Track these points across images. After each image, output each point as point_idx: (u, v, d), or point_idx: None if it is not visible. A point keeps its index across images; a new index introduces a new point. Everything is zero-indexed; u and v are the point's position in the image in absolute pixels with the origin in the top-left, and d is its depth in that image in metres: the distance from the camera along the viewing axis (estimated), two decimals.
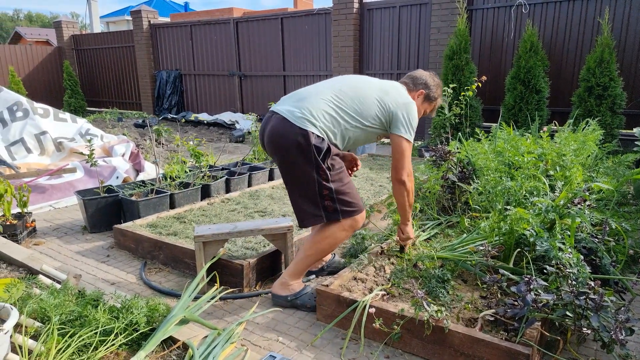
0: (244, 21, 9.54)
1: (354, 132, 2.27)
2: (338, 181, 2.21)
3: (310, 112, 2.16)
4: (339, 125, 2.22)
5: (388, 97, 2.29)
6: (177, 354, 1.84)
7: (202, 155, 4.44)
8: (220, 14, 14.80)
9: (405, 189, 2.36)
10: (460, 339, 1.81)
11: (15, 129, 5.01)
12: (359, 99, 2.25)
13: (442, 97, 2.56)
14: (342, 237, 2.29)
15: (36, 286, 2.29)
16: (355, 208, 2.25)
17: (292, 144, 2.13)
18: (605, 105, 5.32)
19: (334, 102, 2.22)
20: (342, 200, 2.20)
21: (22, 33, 26.50)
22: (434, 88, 2.50)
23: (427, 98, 2.50)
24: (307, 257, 2.32)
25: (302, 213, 2.26)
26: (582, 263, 1.96)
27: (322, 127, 2.17)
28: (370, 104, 2.25)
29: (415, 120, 2.33)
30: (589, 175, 3.36)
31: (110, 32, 12.75)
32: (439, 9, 6.80)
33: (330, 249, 2.33)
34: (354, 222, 2.26)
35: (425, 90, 2.48)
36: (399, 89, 2.37)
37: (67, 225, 3.73)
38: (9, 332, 1.62)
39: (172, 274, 2.81)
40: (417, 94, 2.46)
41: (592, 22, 5.96)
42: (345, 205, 2.21)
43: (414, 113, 2.32)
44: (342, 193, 2.20)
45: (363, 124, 2.26)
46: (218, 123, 9.35)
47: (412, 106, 2.32)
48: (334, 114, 2.20)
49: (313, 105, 2.18)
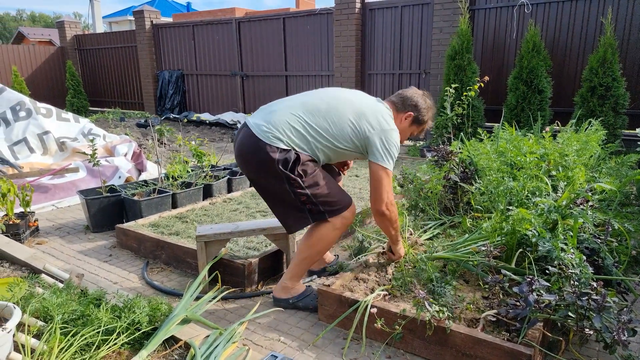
0: (246, 21, 9.54)
1: (326, 152, 2.17)
2: (313, 186, 2.12)
3: (276, 126, 2.09)
4: (308, 143, 2.13)
5: (363, 121, 2.15)
6: (179, 353, 1.85)
7: (204, 155, 4.45)
8: (222, 14, 14.82)
9: (387, 219, 2.23)
10: (462, 340, 1.81)
11: (18, 129, 5.02)
12: (332, 118, 2.13)
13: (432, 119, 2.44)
14: (335, 235, 2.25)
15: (39, 285, 2.30)
16: (339, 206, 2.20)
17: (258, 159, 2.10)
18: (608, 106, 5.30)
19: (304, 119, 2.12)
20: (323, 202, 2.16)
21: (25, 33, 26.58)
22: (424, 111, 2.34)
23: (416, 121, 2.36)
24: (303, 260, 2.30)
25: (287, 220, 2.24)
26: (584, 264, 1.95)
27: (288, 142, 2.09)
28: (344, 125, 2.13)
29: (395, 147, 2.19)
30: (592, 175, 3.34)
31: (113, 32, 12.77)
32: (441, 9, 6.79)
33: (325, 249, 2.30)
34: (343, 219, 2.21)
35: (414, 112, 2.33)
36: (380, 112, 2.21)
37: (70, 225, 3.74)
38: (11, 331, 1.63)
39: (174, 274, 2.81)
40: (405, 116, 2.33)
41: (595, 21, 5.94)
42: (328, 206, 2.17)
43: (393, 139, 2.17)
44: (321, 196, 2.14)
45: (335, 145, 2.15)
46: (220, 123, 9.36)
47: (391, 133, 2.17)
48: (302, 130, 2.11)
49: (281, 120, 2.11)
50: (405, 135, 2.39)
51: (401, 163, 5.42)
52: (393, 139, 2.18)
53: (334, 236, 2.25)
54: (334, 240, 2.28)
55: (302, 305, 2.31)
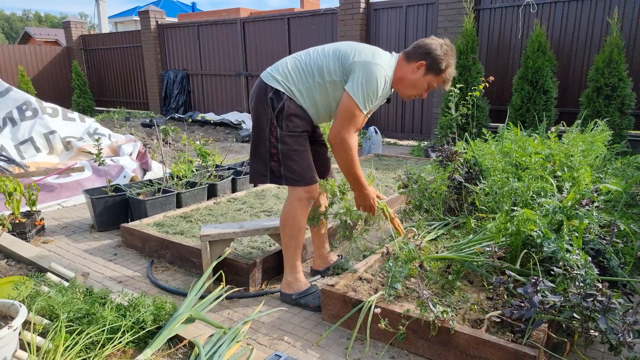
0: (251, 21, 9.56)
1: (320, 92, 2.16)
2: (287, 144, 2.17)
3: (277, 68, 2.22)
4: (302, 81, 2.17)
5: (355, 51, 2.11)
6: (183, 352, 1.85)
7: (209, 154, 4.47)
8: (227, 14, 14.85)
9: (346, 146, 2.11)
10: (466, 340, 1.80)
11: (25, 128, 5.06)
12: (325, 51, 2.18)
13: (452, 66, 2.16)
14: (297, 213, 2.26)
15: (44, 284, 2.31)
16: (297, 178, 2.20)
17: (257, 97, 2.22)
18: (614, 106, 5.27)
19: (302, 57, 2.21)
20: (287, 165, 2.19)
21: (32, 33, 26.77)
22: (440, 58, 2.11)
23: (432, 69, 2.13)
24: (286, 246, 2.35)
25: (252, 169, 2.33)
26: (589, 265, 1.94)
27: (284, 82, 2.17)
28: (334, 55, 2.14)
29: (372, 89, 2.05)
30: (597, 176, 3.32)
31: (119, 33, 12.84)
32: (445, 9, 6.78)
33: (296, 228, 2.29)
34: (301, 193, 2.23)
35: (427, 60, 2.11)
36: (377, 50, 2.15)
37: (75, 224, 3.76)
38: (17, 329, 1.64)
39: (178, 273, 2.82)
40: (417, 65, 2.13)
41: (600, 21, 5.91)
42: (289, 172, 2.20)
43: (374, 75, 2.04)
44: (289, 158, 2.18)
45: (324, 79, 2.13)
46: (224, 123, 9.38)
47: (375, 68, 2.05)
48: (298, 66, 2.18)
49: (281, 63, 2.23)
50: (421, 86, 2.19)
51: (405, 163, 5.41)
52: (374, 75, 2.04)
53: (297, 213, 2.26)
54: (299, 216, 2.27)
55: (303, 302, 2.33)
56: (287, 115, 2.16)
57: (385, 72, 2.09)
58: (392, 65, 2.17)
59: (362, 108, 2.08)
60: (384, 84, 2.10)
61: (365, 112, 2.11)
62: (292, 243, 2.33)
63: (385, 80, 2.11)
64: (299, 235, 2.33)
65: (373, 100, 2.10)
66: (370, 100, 2.08)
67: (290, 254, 2.35)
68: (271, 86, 2.18)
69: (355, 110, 2.08)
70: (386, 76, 2.11)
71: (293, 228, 2.30)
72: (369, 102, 2.09)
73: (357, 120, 2.10)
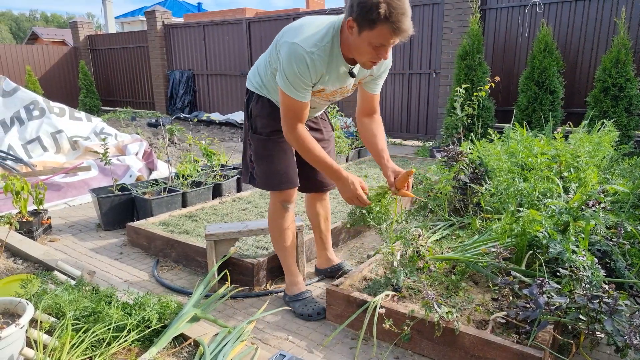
0: (257, 21, 9.58)
1: (276, 83, 2.01)
2: (257, 146, 2.16)
3: (253, 68, 2.21)
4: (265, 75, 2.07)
5: (284, 32, 1.91)
6: (188, 351, 1.86)
7: (214, 154, 4.48)
8: (232, 14, 14.90)
9: (296, 138, 1.93)
10: (471, 341, 1.80)
11: (32, 128, 5.10)
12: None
13: (400, 15, 1.62)
14: (274, 217, 2.26)
15: (51, 282, 2.33)
16: (264, 181, 2.18)
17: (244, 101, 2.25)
18: (621, 106, 5.23)
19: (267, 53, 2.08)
20: (258, 166, 2.19)
21: (39, 33, 26.95)
22: (368, 6, 1.62)
23: (363, 25, 1.67)
24: (277, 250, 2.38)
25: (243, 169, 2.39)
26: (596, 266, 1.93)
27: (256, 80, 2.16)
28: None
29: (294, 73, 1.78)
30: (604, 177, 3.30)
31: (125, 33, 12.90)
32: (451, 9, 6.75)
33: (277, 231, 2.29)
34: (273, 197, 2.23)
35: (353, 15, 1.68)
36: (305, 27, 1.85)
37: (82, 223, 3.79)
38: (24, 327, 1.65)
39: (183, 272, 2.83)
40: (348, 26, 1.74)
41: (608, 21, 5.86)
42: (259, 174, 2.20)
43: (291, 60, 1.77)
44: (259, 159, 2.18)
45: (271, 68, 2.01)
46: (230, 123, 9.40)
47: (292, 49, 1.77)
48: (263, 61, 2.12)
49: (258, 61, 2.21)
50: (364, 49, 1.74)
51: (410, 163, 5.40)
52: (292, 57, 1.77)
53: (275, 217, 2.26)
54: (277, 220, 2.26)
55: (291, 307, 2.34)
56: (253, 116, 2.18)
57: (306, 51, 1.78)
58: (328, 37, 1.84)
59: (293, 96, 1.83)
60: (307, 64, 1.78)
61: (300, 100, 1.84)
62: (277, 246, 2.36)
63: (312, 59, 1.78)
64: (283, 239, 2.31)
65: (303, 85, 1.82)
66: (299, 85, 1.81)
67: (280, 256, 2.38)
68: (247, 87, 2.23)
69: (287, 101, 1.86)
70: (311, 54, 1.78)
71: (274, 231, 2.32)
72: (298, 87, 1.82)
73: (296, 110, 1.87)
